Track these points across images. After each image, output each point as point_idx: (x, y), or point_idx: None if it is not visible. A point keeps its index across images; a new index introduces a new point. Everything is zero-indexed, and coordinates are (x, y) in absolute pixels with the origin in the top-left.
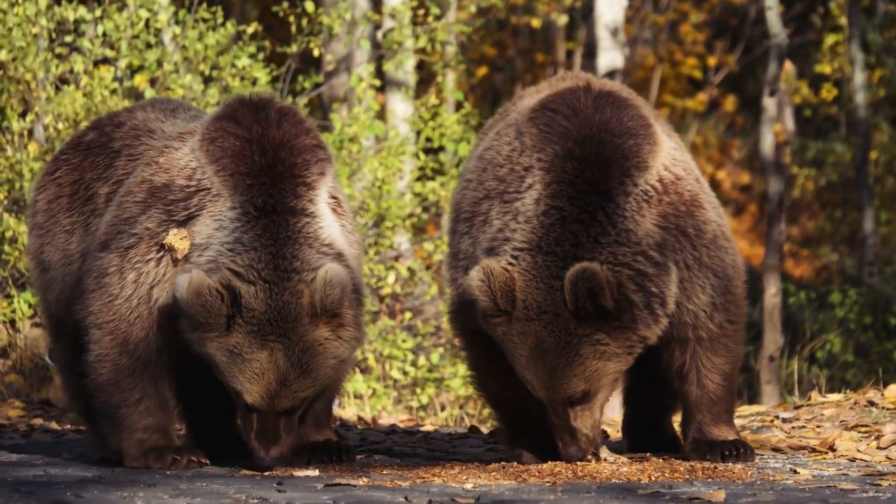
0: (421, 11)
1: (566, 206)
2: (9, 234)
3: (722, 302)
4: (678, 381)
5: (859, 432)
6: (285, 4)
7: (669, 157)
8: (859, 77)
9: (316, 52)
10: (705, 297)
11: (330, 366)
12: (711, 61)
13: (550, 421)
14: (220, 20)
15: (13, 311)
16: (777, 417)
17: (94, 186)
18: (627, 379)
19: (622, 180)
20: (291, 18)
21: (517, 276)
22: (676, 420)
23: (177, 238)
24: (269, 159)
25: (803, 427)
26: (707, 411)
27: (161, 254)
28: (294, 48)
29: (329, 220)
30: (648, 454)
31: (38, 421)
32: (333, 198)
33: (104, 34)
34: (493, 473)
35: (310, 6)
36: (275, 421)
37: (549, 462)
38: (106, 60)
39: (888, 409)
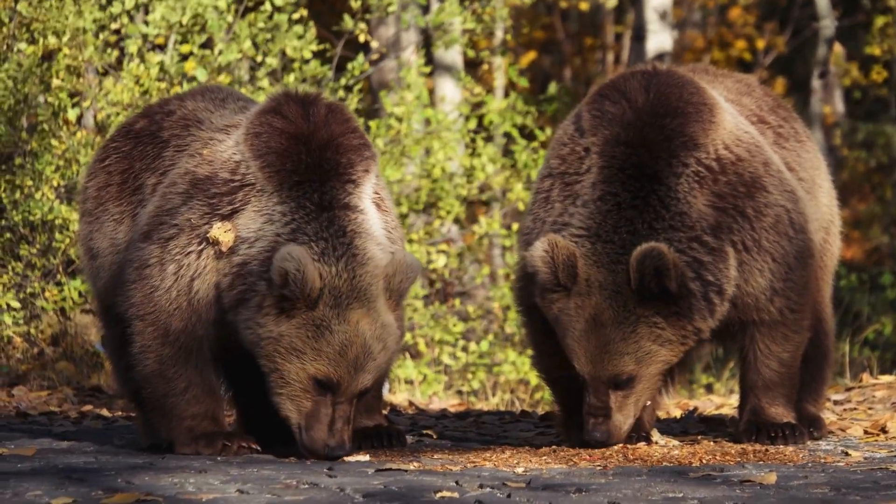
0: None
1: (620, 191)
2: (58, 221)
3: (782, 288)
4: (739, 363)
5: None
6: None
7: (732, 136)
8: None
9: (362, 38)
10: (764, 282)
11: (395, 349)
12: (760, 44)
13: (587, 401)
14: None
15: (63, 299)
16: (829, 399)
17: (142, 176)
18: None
19: (669, 162)
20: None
21: (580, 256)
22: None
23: (221, 231)
24: (315, 158)
25: (855, 409)
26: (762, 394)
27: (202, 246)
28: (349, 24)
29: (375, 217)
30: (699, 437)
31: (89, 408)
32: (377, 194)
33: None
34: (544, 457)
35: None
36: (349, 407)
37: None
38: (155, 47)
39: None
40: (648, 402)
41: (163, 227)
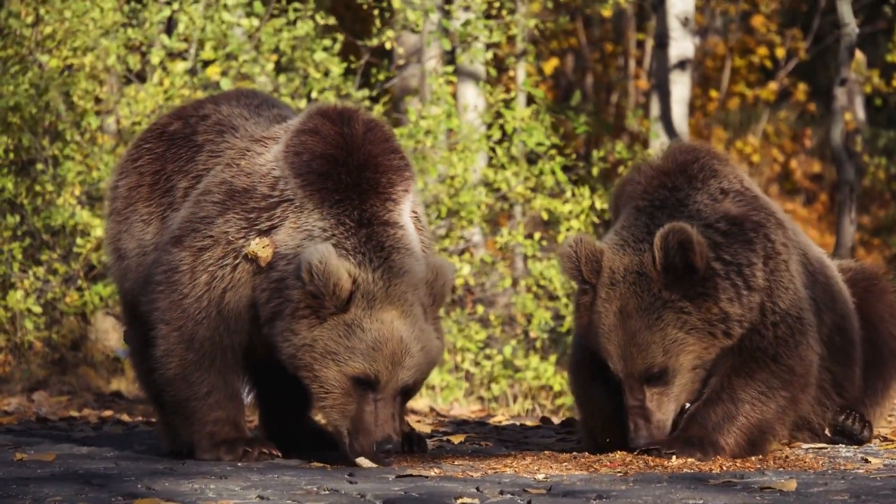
0: (497, 4)
1: (647, 206)
2: (80, 227)
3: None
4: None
5: None
6: None
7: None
8: None
9: (388, 45)
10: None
11: (437, 354)
12: (780, 52)
13: (626, 405)
14: (309, 11)
15: (84, 304)
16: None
17: (174, 179)
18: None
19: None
20: (376, 12)
21: (607, 249)
22: None
23: (260, 247)
24: (354, 178)
25: None
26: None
27: (238, 260)
28: (375, 42)
29: (413, 233)
30: None
31: (109, 413)
32: (414, 213)
33: (171, 24)
34: (565, 463)
35: (396, 2)
36: (393, 404)
37: (620, 451)
38: (178, 53)
39: None
40: (688, 404)
41: (196, 235)
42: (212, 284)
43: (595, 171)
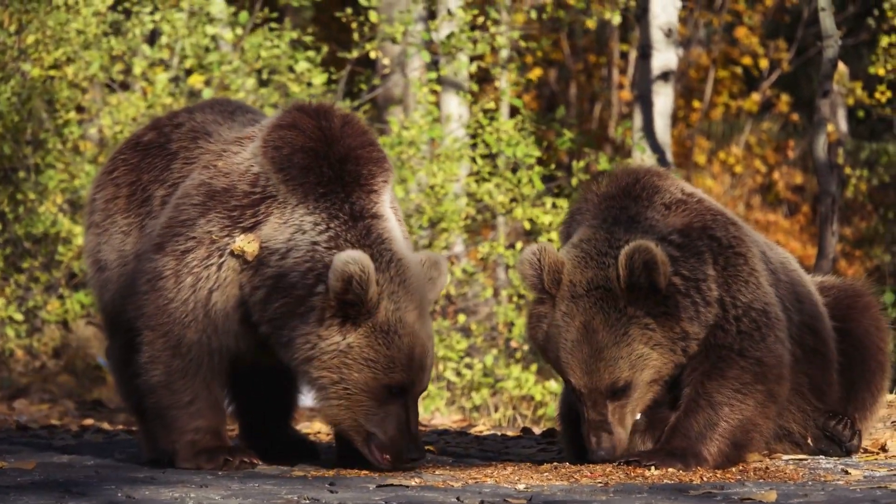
0: (480, 18)
1: (603, 222)
2: (62, 235)
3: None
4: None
5: None
6: (349, 11)
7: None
8: None
9: (373, 55)
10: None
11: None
12: (764, 63)
13: (587, 418)
14: (287, 30)
15: (66, 312)
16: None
17: (150, 188)
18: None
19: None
20: (354, 25)
21: (567, 262)
22: None
23: (245, 242)
24: (336, 171)
25: None
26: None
27: (223, 258)
28: (354, 53)
29: (397, 225)
30: None
31: (90, 421)
32: (392, 206)
33: (155, 34)
34: (546, 474)
35: (373, 16)
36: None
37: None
38: (162, 61)
39: None
40: (638, 416)
41: (178, 238)
42: (197, 286)
43: (574, 181)
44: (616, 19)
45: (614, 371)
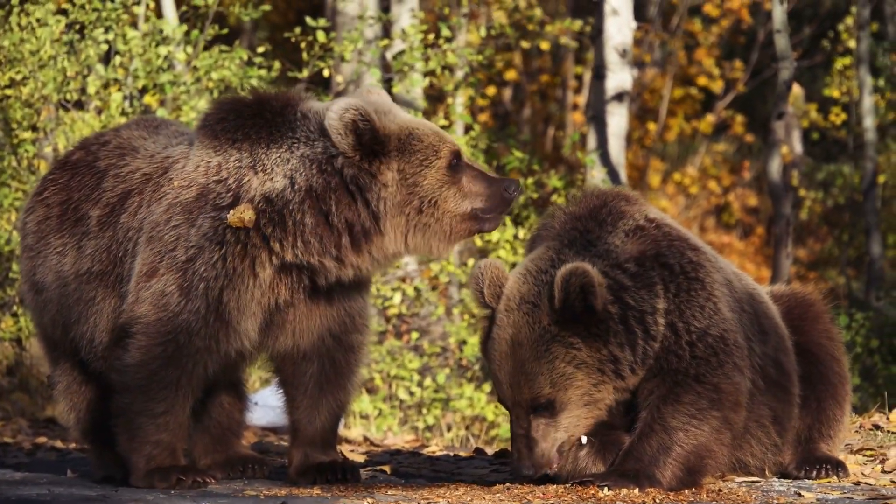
0: (431, 36)
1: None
2: (16, 252)
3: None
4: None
5: (864, 456)
6: (298, 31)
7: (656, 213)
8: (868, 101)
9: (326, 73)
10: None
11: None
12: (718, 84)
13: (511, 431)
14: (237, 50)
15: (19, 330)
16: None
17: (83, 207)
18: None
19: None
20: (303, 45)
21: (511, 277)
22: None
23: (239, 212)
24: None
25: None
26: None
27: (224, 250)
28: (305, 73)
29: None
30: None
31: (43, 439)
32: None
33: (111, 53)
34: (498, 495)
35: (321, 36)
36: None
37: (553, 484)
38: (116, 80)
39: (893, 432)
40: (584, 440)
41: (173, 254)
42: (209, 287)
43: (521, 199)
44: (572, 44)
45: (534, 387)
